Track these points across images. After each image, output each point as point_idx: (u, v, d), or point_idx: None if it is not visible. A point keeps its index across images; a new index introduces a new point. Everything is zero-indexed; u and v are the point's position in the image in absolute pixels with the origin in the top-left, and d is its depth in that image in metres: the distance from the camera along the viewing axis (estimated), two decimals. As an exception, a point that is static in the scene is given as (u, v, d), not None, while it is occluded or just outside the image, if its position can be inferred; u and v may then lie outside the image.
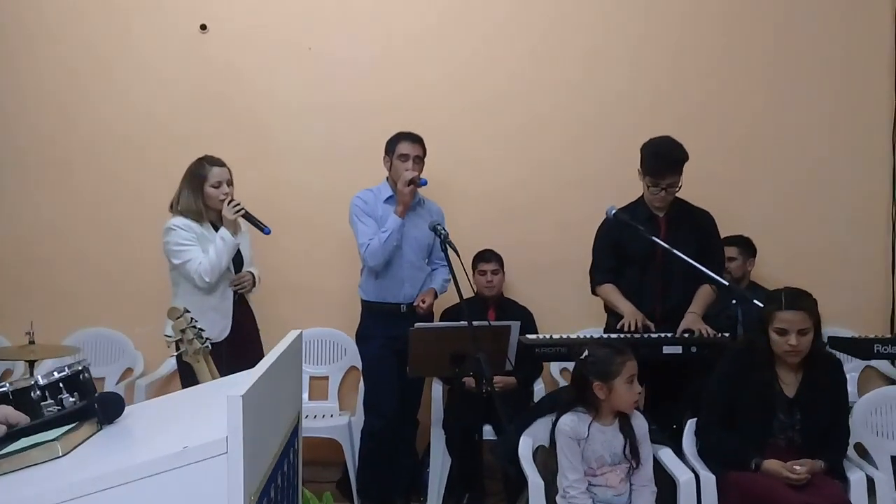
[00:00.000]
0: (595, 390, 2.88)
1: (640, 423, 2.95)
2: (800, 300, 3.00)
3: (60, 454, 1.45)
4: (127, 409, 1.67)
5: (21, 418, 1.67)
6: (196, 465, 1.23)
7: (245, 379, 1.36)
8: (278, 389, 1.53)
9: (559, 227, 4.59)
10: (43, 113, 4.65)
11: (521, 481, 3.24)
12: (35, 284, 4.64)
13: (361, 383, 4.24)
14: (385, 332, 3.94)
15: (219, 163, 3.66)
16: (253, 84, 4.62)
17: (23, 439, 1.59)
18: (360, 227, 3.96)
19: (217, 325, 3.54)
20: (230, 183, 3.66)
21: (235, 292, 3.67)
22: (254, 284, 3.77)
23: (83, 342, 4.44)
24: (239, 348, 3.61)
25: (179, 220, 3.57)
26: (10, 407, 1.73)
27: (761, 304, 3.16)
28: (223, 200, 3.60)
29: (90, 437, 1.56)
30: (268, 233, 3.70)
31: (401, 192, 3.88)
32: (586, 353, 2.94)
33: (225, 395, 1.25)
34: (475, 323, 3.23)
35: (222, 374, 3.20)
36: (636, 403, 2.92)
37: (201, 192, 3.60)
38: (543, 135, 4.63)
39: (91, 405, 1.62)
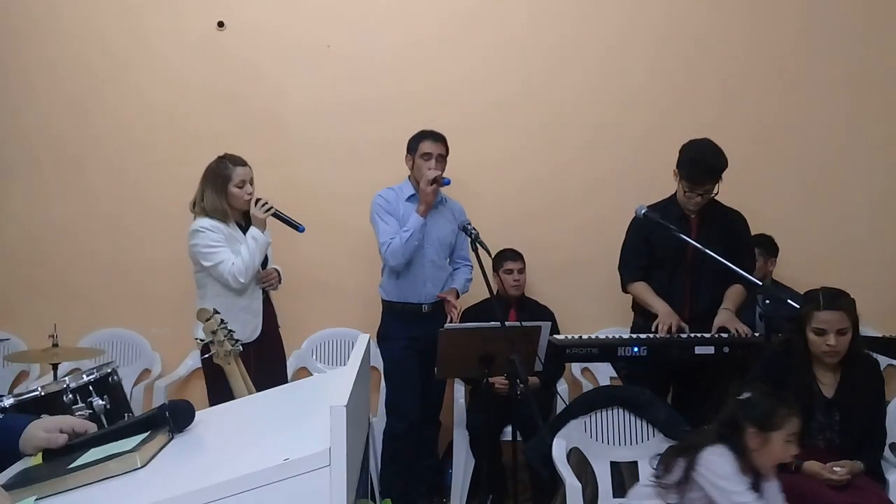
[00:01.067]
0: (748, 437, 2.63)
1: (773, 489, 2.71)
2: (838, 300, 2.98)
3: (139, 465, 1.41)
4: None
5: (87, 426, 1.63)
6: (298, 478, 1.20)
7: (327, 385, 1.33)
8: (361, 396, 1.49)
9: (579, 227, 4.57)
10: (57, 111, 4.58)
11: (554, 483, 3.22)
12: (49, 285, 4.56)
13: (382, 384, 4.20)
14: (407, 332, 3.90)
15: (241, 162, 3.61)
16: (270, 82, 4.56)
17: (93, 450, 1.54)
18: (381, 225, 3.92)
19: (249, 326, 3.50)
20: (252, 182, 3.62)
21: (263, 291, 3.62)
22: (279, 281, 3.73)
23: (100, 343, 4.38)
24: (262, 348, 3.58)
25: (206, 222, 3.50)
26: (72, 417, 1.70)
27: (794, 304, 3.15)
28: (248, 200, 3.55)
29: (164, 446, 1.52)
30: (302, 230, 3.67)
31: (423, 191, 3.83)
32: (747, 394, 2.72)
33: (300, 404, 1.22)
34: (506, 324, 3.20)
35: (250, 375, 3.17)
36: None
37: (225, 191, 3.54)
38: (563, 134, 4.60)
39: (162, 413, 1.58)
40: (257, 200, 3.54)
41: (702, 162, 3.50)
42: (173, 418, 1.58)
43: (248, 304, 3.55)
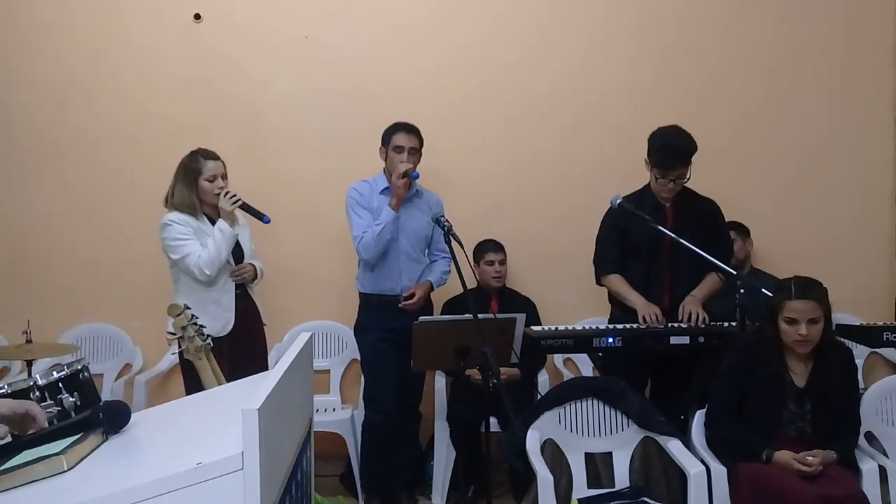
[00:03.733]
0: None
1: None
2: (810, 289, 2.96)
3: (66, 468, 1.39)
4: (133, 416, 1.61)
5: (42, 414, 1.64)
6: (210, 482, 1.17)
7: (258, 386, 1.30)
8: (292, 396, 1.47)
9: (559, 217, 4.55)
10: (35, 103, 4.55)
11: (529, 475, 3.21)
12: (29, 280, 4.55)
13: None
14: (383, 324, 3.89)
15: (213, 156, 3.60)
16: (248, 74, 4.53)
17: (26, 452, 1.53)
18: (354, 219, 3.91)
19: (220, 320, 3.49)
20: (224, 176, 3.60)
21: (237, 285, 3.61)
22: (255, 276, 3.71)
23: (80, 338, 4.38)
24: (242, 343, 3.57)
25: (175, 215, 3.52)
26: (32, 402, 1.70)
27: (769, 293, 3.13)
28: (218, 194, 3.54)
29: (95, 448, 1.50)
30: (267, 221, 3.64)
31: (394, 184, 3.81)
32: None
33: (236, 404, 1.20)
34: (480, 315, 3.18)
35: (225, 370, 3.16)
36: None
37: (196, 185, 3.54)
38: (543, 124, 4.57)
39: (96, 414, 1.56)
40: (226, 193, 3.53)
41: (671, 147, 3.48)
42: (108, 419, 1.56)
43: (219, 297, 3.53)
